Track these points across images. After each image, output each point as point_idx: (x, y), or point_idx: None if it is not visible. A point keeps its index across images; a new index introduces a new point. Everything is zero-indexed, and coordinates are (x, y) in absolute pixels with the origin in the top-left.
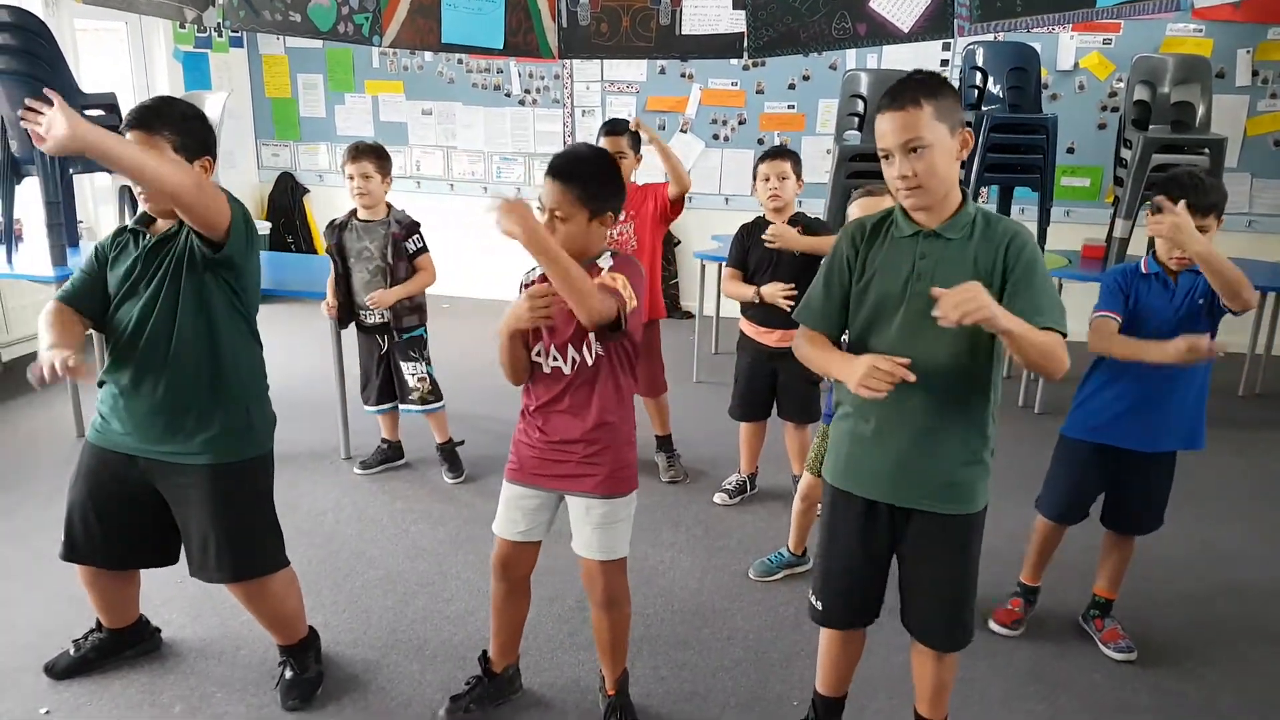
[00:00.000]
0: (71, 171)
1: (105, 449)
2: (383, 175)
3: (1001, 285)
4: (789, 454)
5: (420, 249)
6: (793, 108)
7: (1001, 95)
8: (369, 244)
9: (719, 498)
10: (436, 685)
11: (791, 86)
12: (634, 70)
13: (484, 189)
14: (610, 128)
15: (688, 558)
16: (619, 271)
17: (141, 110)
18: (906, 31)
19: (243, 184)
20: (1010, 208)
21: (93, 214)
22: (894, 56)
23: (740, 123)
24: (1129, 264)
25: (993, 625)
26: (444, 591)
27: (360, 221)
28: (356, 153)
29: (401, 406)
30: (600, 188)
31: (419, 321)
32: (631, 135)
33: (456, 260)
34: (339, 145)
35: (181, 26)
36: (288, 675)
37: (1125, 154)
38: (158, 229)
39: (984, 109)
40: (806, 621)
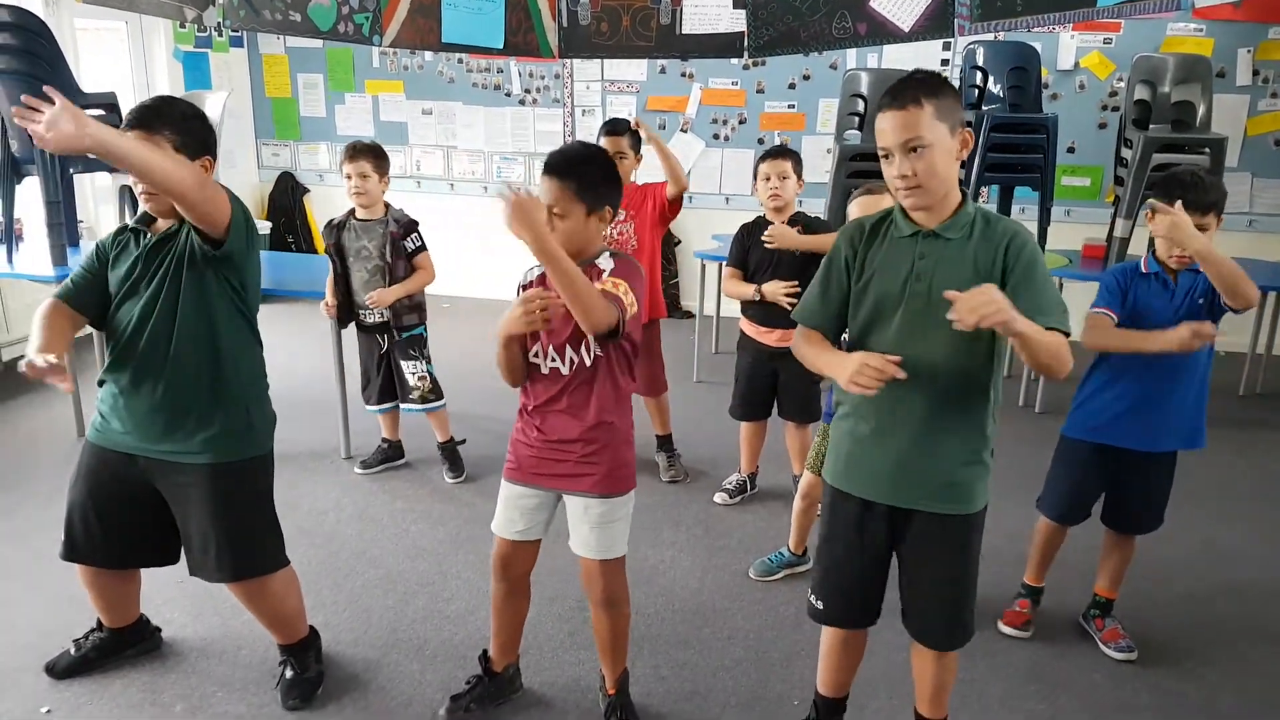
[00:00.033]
0: (72, 171)
1: (105, 448)
2: (380, 175)
3: (1001, 286)
4: (789, 453)
5: (419, 247)
6: (793, 107)
7: (1002, 95)
8: (367, 243)
9: (719, 497)
10: (437, 685)
11: (792, 86)
12: (634, 70)
13: (484, 188)
14: (611, 128)
15: (688, 557)
16: (620, 277)
17: (142, 110)
18: (907, 31)
19: (243, 184)
20: (1010, 207)
21: (93, 213)
22: (894, 56)
23: (740, 122)
24: (1129, 263)
25: (1002, 627)
26: (444, 591)
27: (358, 221)
28: (354, 152)
29: (402, 406)
30: (596, 182)
31: (419, 320)
32: (632, 135)
33: (457, 260)
34: (339, 145)
35: (182, 26)
36: (288, 675)
37: (1126, 153)
38: (158, 228)
39: (984, 108)
40: (807, 621)
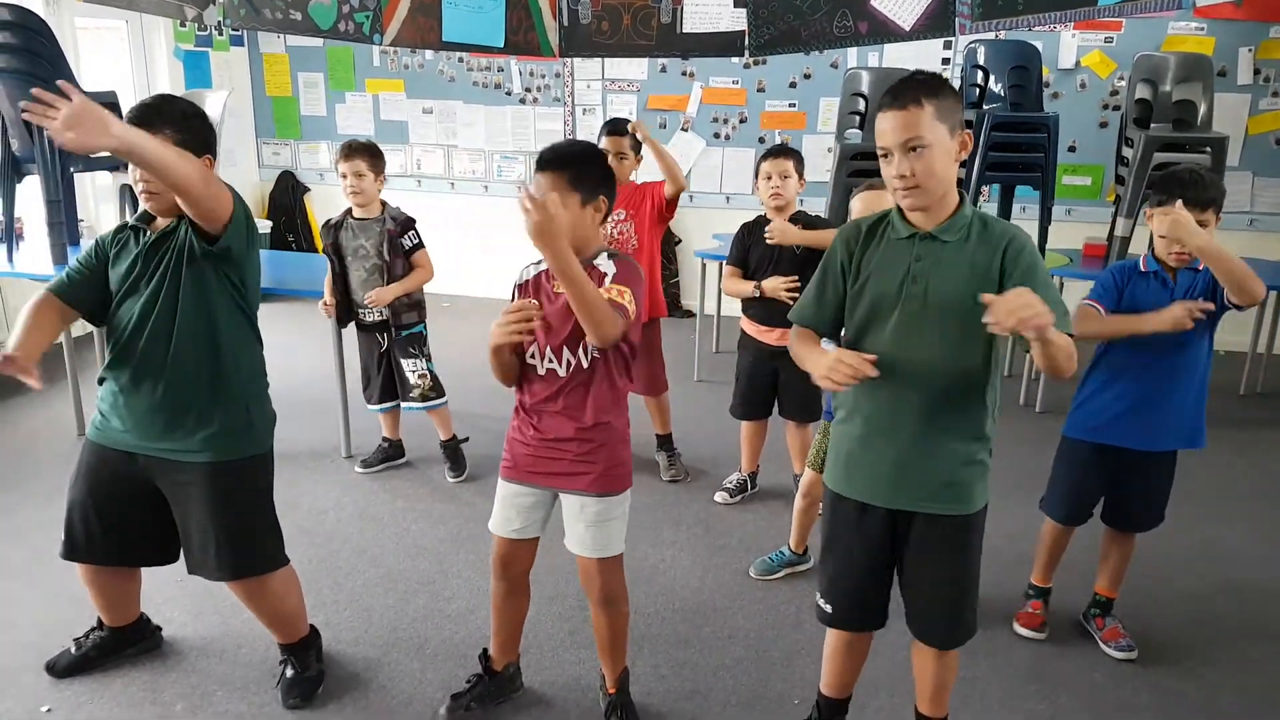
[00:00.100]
0: (72, 170)
1: (105, 447)
2: (376, 173)
3: (999, 288)
4: (790, 452)
5: (416, 245)
6: (794, 106)
7: (1003, 94)
8: (365, 242)
9: (720, 496)
10: (437, 683)
11: (792, 85)
12: (635, 68)
13: (484, 188)
14: (611, 127)
15: (688, 556)
16: (623, 282)
17: (142, 108)
18: (908, 30)
19: (243, 183)
20: (1011, 206)
21: (93, 213)
22: (895, 55)
23: (741, 121)
24: (1128, 261)
25: (1018, 629)
26: (445, 590)
27: (356, 220)
28: (349, 151)
29: (403, 404)
30: (589, 173)
31: (418, 318)
32: (632, 135)
33: (457, 259)
34: (340, 144)
35: (182, 25)
36: (289, 674)
37: (1127, 152)
38: (157, 226)
39: (985, 107)
40: (808, 620)
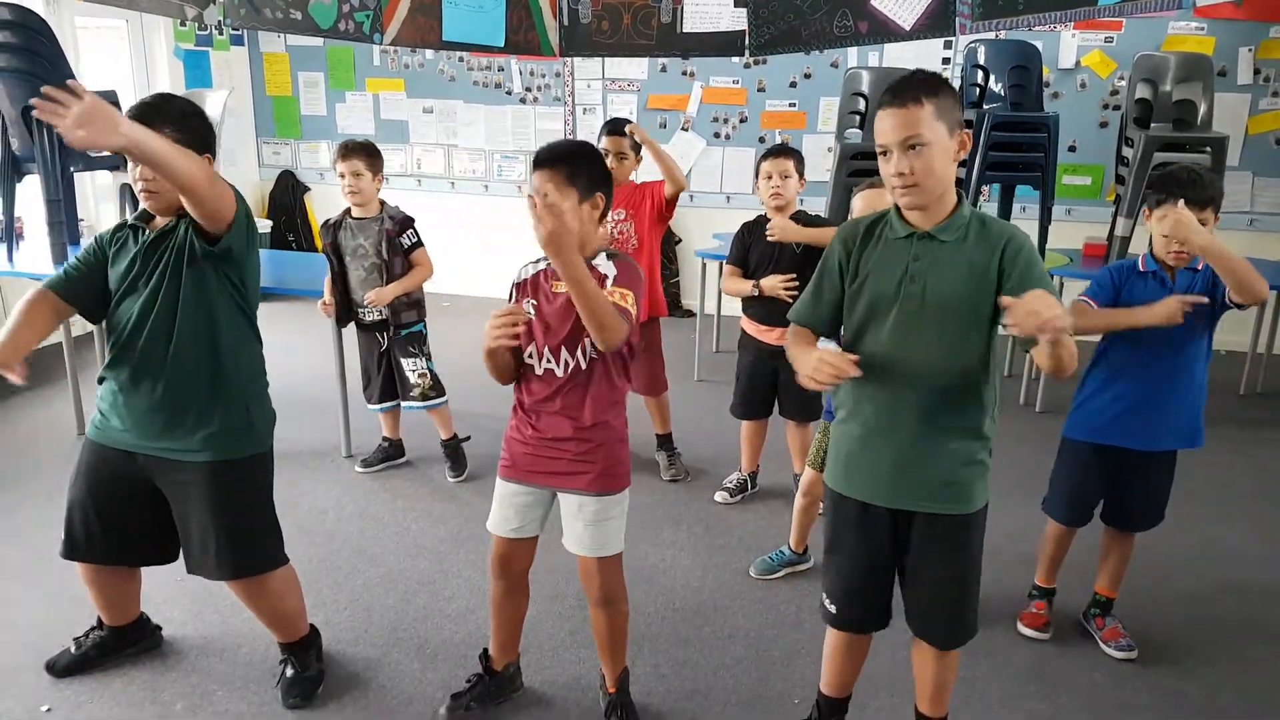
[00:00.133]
0: (72, 169)
1: (105, 446)
2: (374, 173)
3: (997, 288)
4: (790, 452)
5: (415, 243)
6: (794, 106)
7: (1003, 93)
8: (363, 241)
9: (720, 496)
10: (437, 683)
11: (793, 84)
12: (635, 68)
13: (484, 187)
14: (611, 127)
15: (688, 556)
16: (625, 285)
17: (141, 107)
18: (908, 29)
19: (244, 182)
20: (1011, 206)
21: (93, 212)
22: (895, 55)
23: (741, 121)
24: (1127, 260)
25: (1021, 629)
26: (445, 590)
27: (354, 219)
28: (347, 151)
29: (403, 404)
30: (585, 170)
31: (418, 317)
32: (632, 136)
33: (457, 258)
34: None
35: (182, 24)
36: (289, 673)
37: (1127, 152)
38: (156, 225)
39: (985, 107)
40: (808, 620)
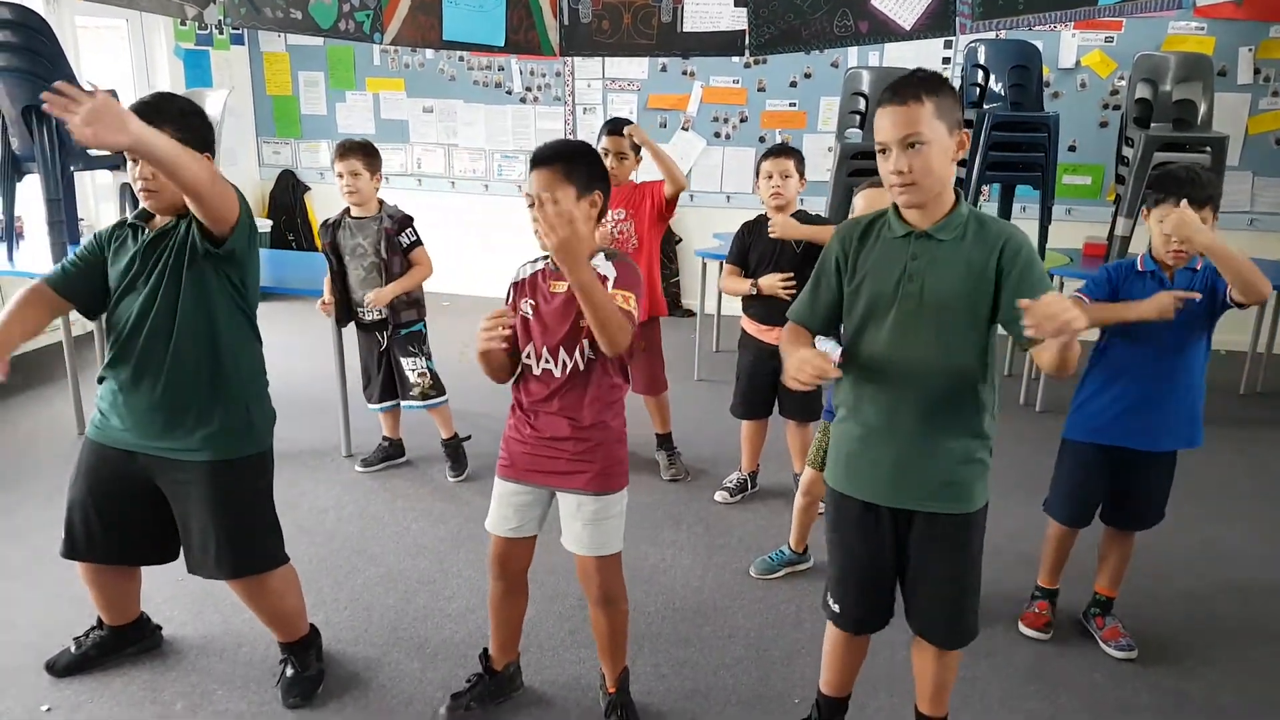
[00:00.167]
0: (72, 169)
1: (105, 445)
2: (372, 172)
3: (996, 288)
4: (790, 452)
5: (414, 242)
6: (794, 105)
7: (1003, 93)
8: (362, 241)
9: (720, 496)
10: (437, 683)
11: (793, 84)
12: (635, 68)
13: (485, 187)
14: (611, 127)
15: (688, 556)
16: (626, 287)
17: (141, 107)
18: (908, 29)
19: (244, 181)
20: (1011, 206)
21: (93, 211)
22: (896, 54)
23: (742, 120)
24: (1125, 260)
25: (1023, 629)
26: (445, 589)
27: (353, 219)
28: (344, 150)
29: (403, 403)
30: (581, 166)
31: (418, 316)
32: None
33: (457, 258)
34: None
35: (182, 24)
36: (289, 673)
37: (1127, 152)
38: (156, 224)
39: (986, 107)
40: (808, 619)
